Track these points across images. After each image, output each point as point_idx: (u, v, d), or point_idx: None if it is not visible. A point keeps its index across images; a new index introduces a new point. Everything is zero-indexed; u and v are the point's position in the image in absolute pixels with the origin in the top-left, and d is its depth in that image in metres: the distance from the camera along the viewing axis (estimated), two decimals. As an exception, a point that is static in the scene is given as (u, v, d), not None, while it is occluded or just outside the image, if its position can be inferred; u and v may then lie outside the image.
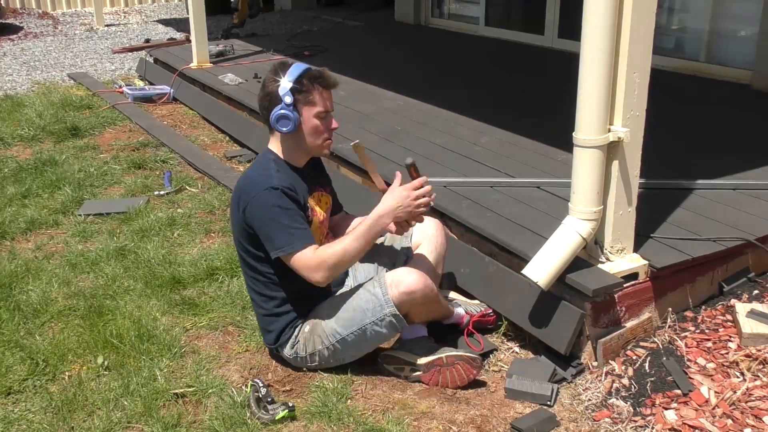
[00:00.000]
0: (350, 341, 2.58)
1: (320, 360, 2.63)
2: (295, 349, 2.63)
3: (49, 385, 2.62)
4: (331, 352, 2.61)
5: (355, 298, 2.58)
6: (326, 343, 2.59)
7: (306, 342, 2.62)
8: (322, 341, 2.60)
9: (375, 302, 2.53)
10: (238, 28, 8.78)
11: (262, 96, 2.55)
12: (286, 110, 2.48)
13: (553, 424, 2.39)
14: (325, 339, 2.59)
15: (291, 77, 2.49)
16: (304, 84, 2.50)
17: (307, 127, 2.54)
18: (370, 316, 2.54)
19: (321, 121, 2.55)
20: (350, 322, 2.56)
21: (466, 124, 4.51)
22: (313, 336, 2.61)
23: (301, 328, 2.63)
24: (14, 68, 8.02)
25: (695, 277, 2.86)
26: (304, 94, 2.50)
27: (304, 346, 2.62)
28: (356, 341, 2.58)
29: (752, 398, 2.40)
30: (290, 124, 2.50)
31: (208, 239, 3.78)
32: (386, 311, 2.52)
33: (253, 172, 2.60)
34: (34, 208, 4.16)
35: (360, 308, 2.55)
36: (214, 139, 5.47)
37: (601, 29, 2.39)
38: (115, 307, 3.10)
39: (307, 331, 2.62)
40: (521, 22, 7.61)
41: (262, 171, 2.55)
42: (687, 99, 5.06)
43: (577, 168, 2.59)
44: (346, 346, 2.60)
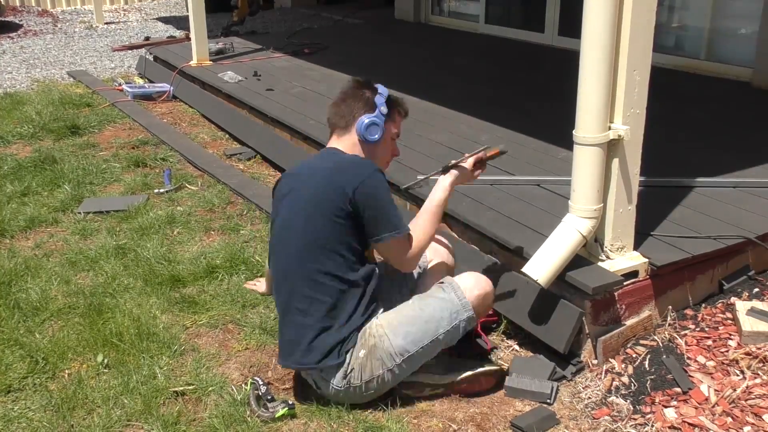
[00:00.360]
0: (417, 356, 2.42)
1: (378, 386, 2.42)
2: (348, 379, 2.39)
3: (48, 383, 2.62)
4: (394, 374, 2.41)
5: (425, 309, 2.44)
6: (389, 364, 2.39)
7: (362, 369, 2.38)
8: (383, 364, 2.38)
9: (451, 309, 2.43)
10: (238, 26, 8.77)
11: (352, 101, 2.54)
12: (379, 119, 2.50)
13: (553, 422, 2.39)
14: (388, 360, 2.38)
15: (384, 91, 2.57)
16: (392, 102, 2.58)
17: (385, 142, 2.56)
18: (446, 324, 2.41)
19: (392, 143, 2.61)
20: (423, 334, 2.40)
21: (466, 122, 4.51)
22: (370, 360, 2.38)
23: (353, 353, 2.39)
24: (14, 66, 8.01)
25: (695, 275, 2.86)
26: (391, 112, 2.56)
27: (359, 373, 2.38)
28: (424, 354, 2.43)
29: (752, 396, 2.40)
30: (378, 133, 2.50)
31: (208, 237, 3.78)
32: (463, 316, 2.43)
33: (343, 159, 2.48)
34: (33, 206, 4.16)
35: (434, 318, 2.41)
36: (213, 136, 5.47)
37: (601, 27, 2.39)
38: (115, 305, 3.09)
39: (362, 356, 2.38)
40: (521, 19, 7.61)
41: (352, 158, 2.49)
42: (687, 97, 5.06)
43: (578, 166, 2.59)
44: (412, 364, 2.43)
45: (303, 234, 2.41)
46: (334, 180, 2.39)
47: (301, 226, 2.42)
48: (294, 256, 2.43)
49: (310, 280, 2.39)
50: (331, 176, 2.41)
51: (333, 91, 5.30)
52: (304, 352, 2.40)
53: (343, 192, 2.34)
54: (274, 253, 2.57)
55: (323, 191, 2.39)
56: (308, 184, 2.46)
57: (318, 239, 2.39)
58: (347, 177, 2.37)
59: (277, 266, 2.54)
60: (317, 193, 2.40)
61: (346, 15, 10.02)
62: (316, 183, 2.42)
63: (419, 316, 2.42)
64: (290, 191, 2.51)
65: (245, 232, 3.79)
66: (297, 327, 2.43)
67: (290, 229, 2.46)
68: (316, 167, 2.50)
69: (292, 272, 2.44)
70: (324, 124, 4.51)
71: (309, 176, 2.49)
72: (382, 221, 2.39)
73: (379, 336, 2.39)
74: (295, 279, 2.43)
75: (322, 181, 2.41)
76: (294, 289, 2.43)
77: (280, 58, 6.77)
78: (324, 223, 2.37)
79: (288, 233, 2.47)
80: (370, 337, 2.40)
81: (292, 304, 2.44)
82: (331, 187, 2.38)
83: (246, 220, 3.96)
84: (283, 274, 2.49)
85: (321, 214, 2.38)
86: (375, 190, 2.38)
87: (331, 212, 2.36)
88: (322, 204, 2.38)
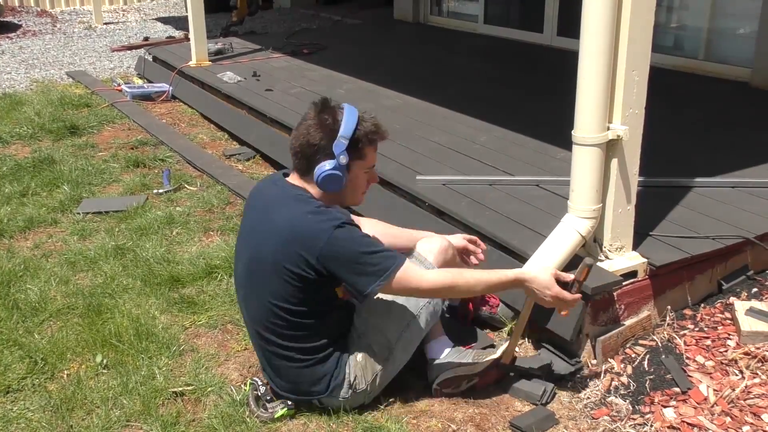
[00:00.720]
0: (408, 337, 2.42)
1: (381, 381, 2.42)
2: (354, 387, 2.38)
3: (47, 383, 2.62)
4: (392, 365, 2.42)
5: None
6: (386, 356, 2.40)
7: (364, 371, 2.39)
8: (381, 357, 2.40)
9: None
10: (237, 26, 8.77)
11: (307, 142, 2.25)
12: (339, 171, 2.24)
13: (552, 422, 2.39)
14: (384, 350, 2.40)
15: (346, 132, 2.23)
16: (358, 140, 2.27)
17: (352, 183, 2.32)
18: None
19: (366, 175, 2.37)
20: (403, 313, 2.40)
21: (465, 122, 4.51)
22: (369, 360, 2.39)
23: (350, 361, 2.39)
24: (12, 66, 8.00)
25: (694, 275, 2.86)
26: (357, 152, 2.28)
27: (363, 377, 2.39)
28: (414, 333, 2.43)
29: (751, 396, 2.40)
30: (340, 183, 2.27)
31: (207, 237, 3.78)
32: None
33: (297, 217, 2.24)
34: (32, 206, 4.16)
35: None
36: (212, 137, 5.46)
37: (600, 27, 2.39)
38: (114, 305, 3.09)
39: (361, 359, 2.39)
40: (520, 19, 7.61)
41: (310, 212, 2.24)
42: (686, 97, 5.06)
43: (576, 166, 2.59)
44: (403, 348, 2.43)
45: (270, 297, 2.30)
46: (293, 248, 2.22)
47: (265, 290, 2.31)
48: (263, 315, 2.35)
49: (284, 335, 2.34)
50: (290, 243, 2.22)
51: (332, 92, 5.36)
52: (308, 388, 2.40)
53: (306, 261, 2.21)
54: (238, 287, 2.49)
55: (282, 258, 2.23)
56: (268, 242, 2.27)
57: (279, 314, 2.31)
58: (308, 245, 2.20)
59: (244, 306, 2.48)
60: (277, 262, 2.25)
61: (345, 15, 10.02)
62: (275, 248, 2.25)
63: (396, 299, 2.41)
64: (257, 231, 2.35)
65: (244, 233, 3.78)
66: (286, 369, 2.40)
67: (255, 284, 2.36)
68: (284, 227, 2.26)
69: (265, 327, 2.37)
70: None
71: (269, 232, 2.28)
72: (365, 273, 2.21)
73: (370, 331, 2.41)
74: (269, 331, 2.36)
75: (281, 248, 2.24)
76: (268, 340, 2.38)
77: (279, 58, 6.77)
78: (285, 285, 2.26)
79: (254, 287, 2.37)
80: (362, 338, 2.41)
81: (269, 349, 2.39)
82: (291, 256, 2.22)
83: (245, 221, 3.95)
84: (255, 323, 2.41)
85: (280, 287, 2.27)
86: (342, 250, 2.19)
87: (294, 281, 2.25)
88: (286, 275, 2.24)
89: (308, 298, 2.29)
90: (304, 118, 2.31)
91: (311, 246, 2.20)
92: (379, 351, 2.41)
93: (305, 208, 2.26)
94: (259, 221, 2.36)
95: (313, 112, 2.29)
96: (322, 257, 2.20)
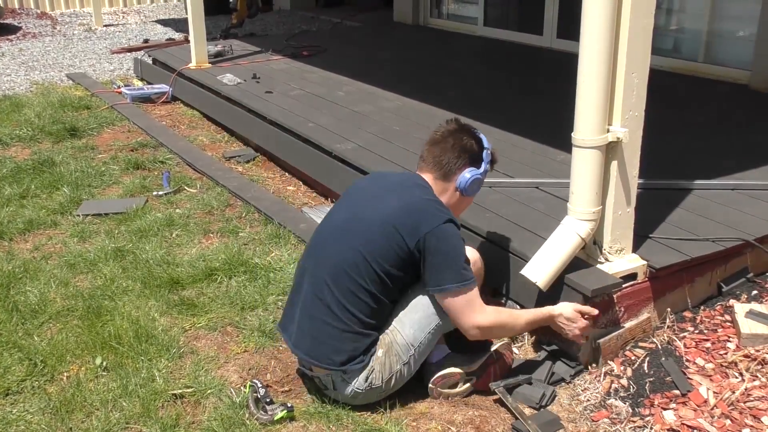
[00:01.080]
0: (427, 342, 2.46)
1: (396, 382, 2.45)
2: (369, 381, 2.40)
3: (47, 385, 2.62)
4: (409, 367, 2.45)
5: (424, 293, 2.44)
6: (405, 357, 2.43)
7: (382, 367, 2.41)
8: (400, 358, 2.42)
9: None
10: (237, 29, 8.78)
11: (459, 150, 2.49)
12: (482, 177, 2.53)
13: (556, 427, 2.38)
14: (404, 354, 2.42)
15: (488, 146, 2.56)
16: (493, 158, 2.59)
17: (471, 197, 2.59)
18: None
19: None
20: (428, 318, 2.43)
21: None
22: (389, 357, 2.42)
23: (374, 354, 2.42)
24: (12, 68, 8.01)
25: (694, 278, 2.86)
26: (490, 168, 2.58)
27: (380, 373, 2.41)
28: (431, 340, 2.46)
29: (751, 398, 2.40)
30: (478, 189, 2.55)
31: (207, 240, 3.78)
32: None
33: (421, 198, 2.42)
34: (32, 208, 4.16)
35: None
36: (212, 139, 5.47)
37: (599, 29, 2.39)
38: (114, 307, 3.09)
39: (381, 355, 2.41)
40: (520, 22, 7.61)
41: (435, 201, 2.44)
42: (685, 99, 5.06)
43: (576, 168, 2.59)
44: (421, 352, 2.46)
45: (362, 248, 2.37)
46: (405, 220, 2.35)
47: (361, 241, 2.38)
48: (344, 261, 2.38)
49: (350, 292, 2.37)
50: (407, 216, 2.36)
51: (332, 94, 5.37)
52: (327, 352, 2.40)
53: (418, 235, 2.32)
54: (323, 242, 2.50)
55: (389, 229, 2.35)
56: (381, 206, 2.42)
57: (374, 260, 2.35)
58: (422, 221, 2.34)
59: (322, 253, 2.48)
60: (386, 222, 2.36)
61: (345, 17, 10.02)
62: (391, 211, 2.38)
63: (421, 302, 2.44)
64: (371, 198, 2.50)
65: (244, 235, 3.79)
66: (321, 324, 2.41)
67: (350, 235, 2.42)
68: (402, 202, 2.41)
69: (337, 274, 2.39)
70: (322, 126, 4.57)
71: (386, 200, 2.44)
72: (446, 270, 2.33)
73: (391, 331, 2.44)
74: (338, 281, 2.39)
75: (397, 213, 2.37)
76: (330, 291, 2.39)
77: (279, 60, 6.78)
78: (384, 251, 2.35)
79: (348, 237, 2.42)
80: (385, 335, 2.44)
81: (323, 300, 2.40)
82: (402, 227, 2.34)
83: (245, 223, 3.96)
84: (328, 268, 2.42)
85: (381, 251, 2.36)
86: (446, 241, 2.34)
87: (399, 250, 2.35)
88: (389, 235, 2.35)
89: (391, 268, 2.36)
90: (445, 129, 2.55)
91: (428, 221, 2.34)
92: (398, 351, 2.43)
93: (430, 196, 2.46)
94: (378, 191, 2.52)
95: (455, 125, 2.56)
96: (431, 234, 2.32)
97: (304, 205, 4.25)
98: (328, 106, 5.09)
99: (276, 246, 3.63)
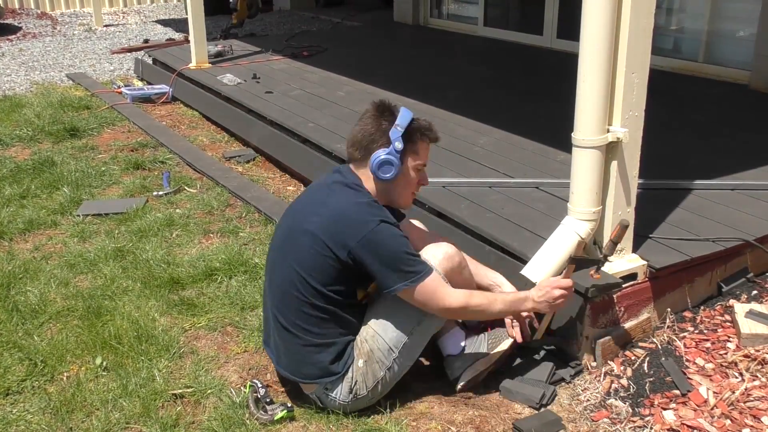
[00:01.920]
0: (410, 344, 2.41)
1: (382, 388, 2.43)
2: (354, 392, 2.39)
3: (47, 385, 2.62)
4: (393, 372, 2.41)
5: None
6: (387, 362, 2.39)
7: (365, 377, 2.38)
8: (383, 363, 2.39)
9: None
10: (237, 29, 8.78)
11: (365, 133, 2.37)
12: (393, 156, 2.34)
13: (557, 427, 2.38)
14: (386, 359, 2.39)
15: (403, 122, 2.36)
16: (414, 132, 2.39)
17: (404, 177, 2.41)
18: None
19: (417, 174, 2.44)
20: (408, 318, 2.38)
21: (465, 125, 4.51)
22: (370, 366, 2.39)
23: (353, 366, 2.38)
24: (13, 68, 8.01)
25: (694, 278, 2.86)
26: (411, 144, 2.39)
27: (363, 382, 2.38)
28: (416, 340, 2.42)
29: (751, 398, 2.40)
30: (392, 171, 2.35)
31: (207, 240, 3.78)
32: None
33: (349, 203, 2.33)
34: (32, 208, 4.16)
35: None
36: (212, 139, 5.47)
37: (599, 29, 2.39)
38: (114, 307, 3.09)
39: (362, 365, 2.38)
40: (520, 22, 7.62)
41: (363, 203, 2.33)
42: (685, 99, 5.06)
43: (576, 168, 2.59)
44: (406, 354, 2.42)
45: (297, 265, 2.34)
46: (336, 227, 2.28)
47: (296, 257, 2.35)
48: (284, 281, 2.38)
49: (297, 309, 2.36)
50: (335, 222, 2.29)
51: (332, 94, 5.37)
52: (299, 368, 2.41)
53: (343, 244, 2.26)
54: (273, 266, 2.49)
55: (322, 232, 2.29)
56: (314, 216, 2.34)
57: (310, 275, 2.32)
58: (349, 231, 2.26)
59: (270, 274, 2.49)
60: (315, 236, 2.30)
61: (345, 17, 10.03)
62: (320, 222, 2.31)
63: (398, 303, 2.36)
64: (303, 208, 2.45)
65: (244, 235, 3.79)
66: (284, 342, 2.42)
67: (286, 253, 2.39)
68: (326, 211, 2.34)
69: (282, 294, 2.39)
70: (322, 126, 4.57)
71: (318, 207, 2.37)
72: (395, 271, 2.26)
73: (371, 337, 2.40)
74: (284, 301, 2.39)
75: (325, 223, 2.30)
76: (280, 311, 2.40)
77: (279, 60, 6.78)
78: (314, 257, 2.30)
79: (285, 255, 2.40)
80: (364, 343, 2.40)
81: (278, 320, 2.41)
82: (332, 234, 2.28)
83: (245, 223, 3.96)
84: (275, 289, 2.43)
85: (310, 267, 2.31)
86: (382, 244, 2.26)
87: (326, 263, 2.29)
88: (320, 249, 2.29)
89: (329, 281, 2.32)
90: (363, 113, 2.44)
91: (355, 231, 2.26)
92: (380, 358, 2.40)
93: (359, 198, 2.35)
94: (311, 200, 2.46)
95: (372, 108, 2.42)
96: (360, 245, 2.24)
97: (304, 205, 4.24)
98: (328, 106, 5.09)
99: (276, 246, 3.63)
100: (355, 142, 2.41)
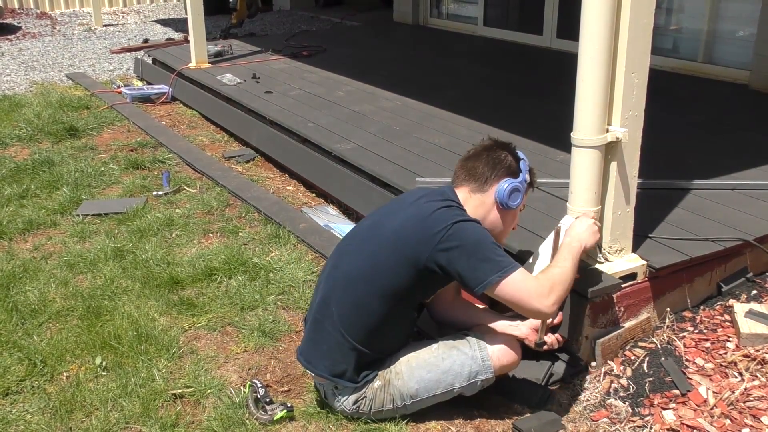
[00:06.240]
0: (427, 401, 2.39)
1: (383, 416, 2.40)
2: (357, 405, 2.37)
3: (47, 385, 2.62)
4: (397, 410, 2.39)
5: (446, 359, 2.37)
6: (398, 403, 2.37)
7: (374, 398, 2.36)
8: (393, 400, 2.36)
9: (471, 366, 2.36)
10: (237, 28, 8.78)
11: (493, 161, 2.39)
12: (522, 187, 2.40)
13: (557, 427, 2.38)
14: (398, 399, 2.36)
15: (526, 159, 2.46)
16: (532, 172, 2.48)
17: (513, 213, 2.45)
18: (463, 380, 2.37)
19: (518, 214, 2.50)
20: (436, 384, 2.36)
21: (465, 124, 4.51)
22: (383, 394, 2.36)
23: (371, 383, 2.36)
24: (12, 68, 8.01)
25: (694, 278, 2.86)
26: (531, 183, 2.49)
27: (370, 402, 2.37)
28: (434, 400, 2.40)
29: (750, 398, 2.40)
30: (519, 199, 2.40)
31: (207, 239, 3.78)
32: (482, 377, 2.37)
33: (437, 207, 2.28)
34: (32, 208, 4.16)
35: (453, 371, 2.36)
36: (212, 139, 5.47)
37: (599, 29, 2.39)
38: (113, 307, 3.09)
39: (376, 387, 2.36)
40: (520, 22, 7.62)
41: (454, 208, 2.30)
42: (685, 99, 5.06)
43: (576, 168, 2.59)
44: (420, 405, 2.40)
45: (376, 256, 2.31)
46: (415, 231, 2.25)
47: (375, 249, 2.32)
48: (357, 268, 2.34)
49: (355, 303, 2.32)
50: (417, 227, 2.25)
51: (332, 94, 5.37)
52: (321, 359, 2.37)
53: (435, 241, 2.21)
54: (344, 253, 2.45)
55: (407, 230, 2.27)
56: (401, 215, 2.33)
57: (388, 268, 2.28)
58: (436, 227, 2.22)
59: (340, 258, 2.44)
60: (399, 230, 2.28)
61: (345, 17, 10.03)
62: (401, 222, 2.30)
63: (438, 365, 2.36)
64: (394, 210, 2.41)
65: (244, 235, 3.79)
66: (322, 328, 2.37)
67: (368, 243, 2.37)
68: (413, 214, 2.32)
69: (348, 281, 2.35)
70: (322, 126, 4.57)
71: (404, 211, 2.35)
72: (480, 265, 2.19)
73: (396, 373, 2.37)
74: (347, 288, 2.34)
75: (410, 221, 2.29)
76: (338, 296, 2.36)
77: (279, 60, 6.78)
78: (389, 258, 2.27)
79: (365, 244, 2.37)
80: (388, 372, 2.38)
81: (329, 305, 2.36)
82: (415, 231, 2.25)
83: (245, 223, 3.96)
84: (343, 273, 2.38)
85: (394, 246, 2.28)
86: (468, 238, 2.21)
87: (407, 262, 2.25)
88: (403, 243, 2.26)
89: (398, 282, 2.27)
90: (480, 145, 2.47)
91: (435, 227, 2.21)
92: (393, 394, 2.37)
93: (448, 204, 2.31)
94: (397, 207, 2.42)
95: (490, 141, 2.48)
96: (445, 242, 2.19)
97: (303, 205, 4.25)
98: (327, 105, 5.09)
99: (276, 246, 3.63)
100: (475, 169, 2.40)
